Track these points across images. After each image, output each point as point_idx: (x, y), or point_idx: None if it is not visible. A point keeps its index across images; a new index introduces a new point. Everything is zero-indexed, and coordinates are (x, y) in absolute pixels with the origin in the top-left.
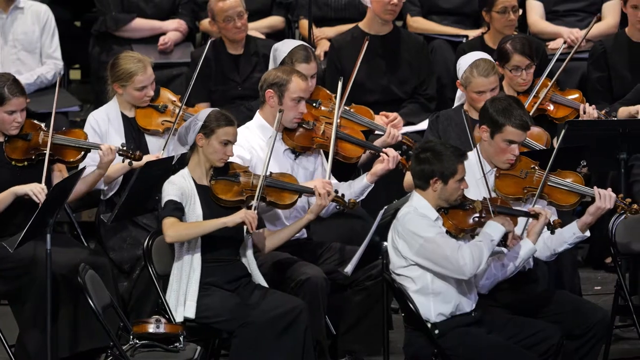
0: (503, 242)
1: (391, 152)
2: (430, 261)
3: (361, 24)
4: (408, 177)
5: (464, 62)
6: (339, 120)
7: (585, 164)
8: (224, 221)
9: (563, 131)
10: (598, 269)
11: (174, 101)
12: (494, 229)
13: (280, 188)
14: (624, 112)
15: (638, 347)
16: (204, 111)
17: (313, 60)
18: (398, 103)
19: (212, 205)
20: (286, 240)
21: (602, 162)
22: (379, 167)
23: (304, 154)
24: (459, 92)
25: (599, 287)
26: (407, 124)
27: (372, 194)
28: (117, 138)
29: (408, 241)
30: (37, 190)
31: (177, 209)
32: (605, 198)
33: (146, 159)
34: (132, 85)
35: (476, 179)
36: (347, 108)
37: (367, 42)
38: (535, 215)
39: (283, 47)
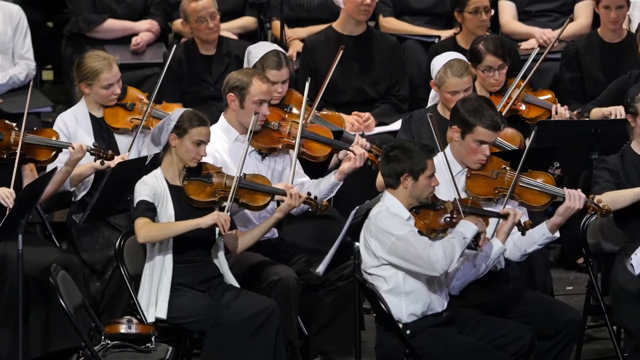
0: (475, 242)
1: (358, 149)
2: (402, 259)
3: (335, 25)
4: (380, 178)
5: (438, 62)
6: (305, 122)
7: (558, 165)
8: (196, 222)
9: (534, 131)
10: (570, 269)
11: (142, 99)
12: (467, 227)
13: (253, 189)
14: (597, 112)
15: (610, 347)
16: (177, 111)
17: (285, 66)
18: (371, 103)
19: (185, 206)
20: (257, 240)
21: (574, 163)
22: (346, 165)
23: (270, 154)
24: (432, 93)
25: (571, 288)
26: (379, 124)
27: (344, 195)
28: (86, 138)
29: (380, 240)
30: (4, 195)
31: (149, 209)
32: (574, 198)
33: (118, 159)
34: (99, 84)
35: (447, 179)
36: (318, 114)
37: (342, 50)
38: (505, 216)
39: (256, 51)
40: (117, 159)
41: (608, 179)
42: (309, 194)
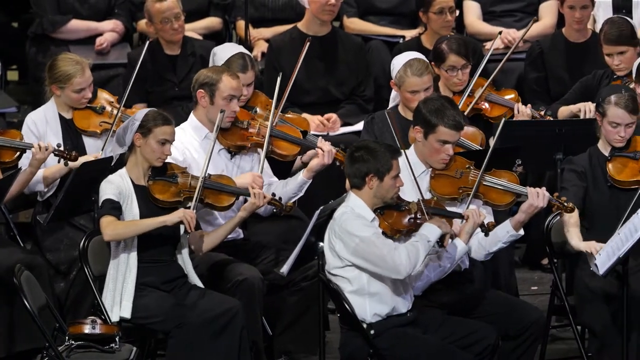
0: (440, 243)
1: (326, 146)
2: (367, 261)
3: (300, 25)
4: None
5: (398, 62)
6: (275, 121)
7: (520, 162)
8: (162, 220)
9: (498, 131)
10: (535, 269)
11: (112, 102)
12: (430, 230)
13: (218, 190)
14: (565, 111)
15: (574, 347)
16: (141, 111)
17: (250, 69)
18: (336, 104)
19: (150, 206)
20: (221, 240)
21: (539, 162)
22: (314, 163)
23: (239, 153)
24: (393, 93)
25: (535, 287)
26: (344, 124)
27: (309, 195)
28: (54, 139)
29: (344, 241)
30: None
31: (114, 208)
32: (538, 196)
33: (83, 159)
34: (70, 88)
35: (411, 180)
36: (282, 117)
37: (308, 43)
38: (467, 217)
39: (221, 53)
40: (82, 160)
41: (576, 183)
42: (273, 194)
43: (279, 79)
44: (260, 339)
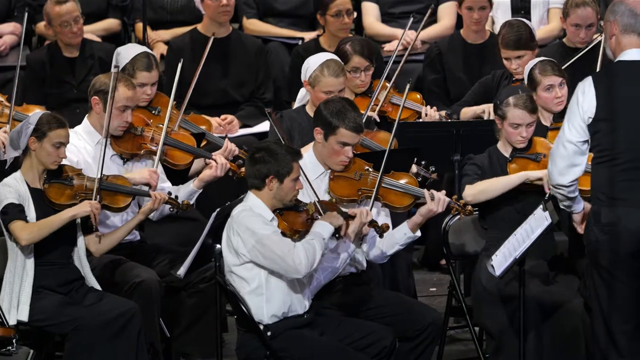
0: (337, 235)
1: (220, 159)
2: (265, 258)
3: (199, 27)
4: None
5: (313, 61)
6: (172, 128)
7: (434, 169)
8: (71, 214)
9: (393, 132)
10: (434, 270)
11: (1, 101)
12: (322, 227)
13: (114, 191)
14: (468, 112)
15: (472, 348)
16: (35, 114)
17: (155, 68)
18: (235, 106)
19: (46, 209)
20: (118, 242)
21: (437, 164)
22: (206, 174)
23: (132, 159)
24: (300, 93)
25: (434, 289)
26: (243, 126)
27: (207, 197)
28: None
29: (243, 238)
30: None
31: (20, 211)
32: (437, 201)
33: None
34: None
35: (310, 180)
36: (185, 117)
37: (212, 40)
38: (353, 217)
39: (125, 53)
40: None
41: (477, 172)
42: (170, 193)
43: (173, 89)
44: (158, 341)
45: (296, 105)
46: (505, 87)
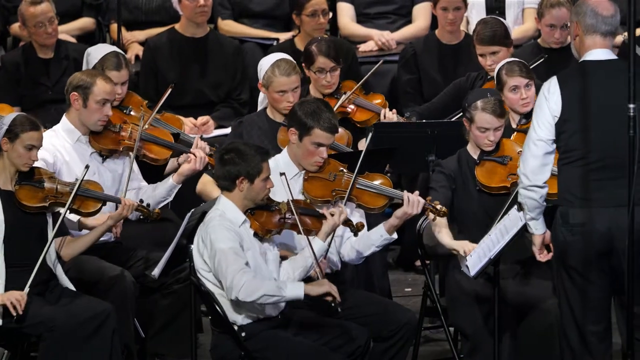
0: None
1: (198, 152)
2: (215, 270)
3: (177, 27)
4: (202, 181)
5: (265, 63)
6: (147, 125)
7: (391, 170)
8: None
9: (370, 134)
10: (409, 271)
11: None
12: (295, 288)
13: (85, 196)
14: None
15: (447, 349)
16: (9, 116)
17: (124, 67)
18: (211, 107)
19: (15, 211)
20: (88, 247)
21: (411, 165)
22: (185, 168)
23: (111, 156)
24: (261, 96)
25: (409, 289)
26: (219, 127)
27: (182, 197)
28: None
29: (207, 246)
30: None
31: None
32: (412, 204)
33: None
34: None
35: (281, 181)
36: (158, 117)
37: (170, 89)
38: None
39: (95, 53)
40: None
41: (444, 184)
42: (141, 201)
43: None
44: (132, 342)
45: (259, 108)
46: (473, 91)
